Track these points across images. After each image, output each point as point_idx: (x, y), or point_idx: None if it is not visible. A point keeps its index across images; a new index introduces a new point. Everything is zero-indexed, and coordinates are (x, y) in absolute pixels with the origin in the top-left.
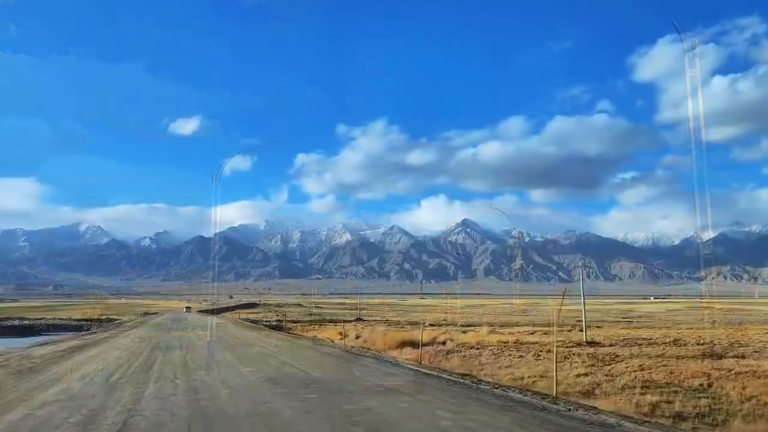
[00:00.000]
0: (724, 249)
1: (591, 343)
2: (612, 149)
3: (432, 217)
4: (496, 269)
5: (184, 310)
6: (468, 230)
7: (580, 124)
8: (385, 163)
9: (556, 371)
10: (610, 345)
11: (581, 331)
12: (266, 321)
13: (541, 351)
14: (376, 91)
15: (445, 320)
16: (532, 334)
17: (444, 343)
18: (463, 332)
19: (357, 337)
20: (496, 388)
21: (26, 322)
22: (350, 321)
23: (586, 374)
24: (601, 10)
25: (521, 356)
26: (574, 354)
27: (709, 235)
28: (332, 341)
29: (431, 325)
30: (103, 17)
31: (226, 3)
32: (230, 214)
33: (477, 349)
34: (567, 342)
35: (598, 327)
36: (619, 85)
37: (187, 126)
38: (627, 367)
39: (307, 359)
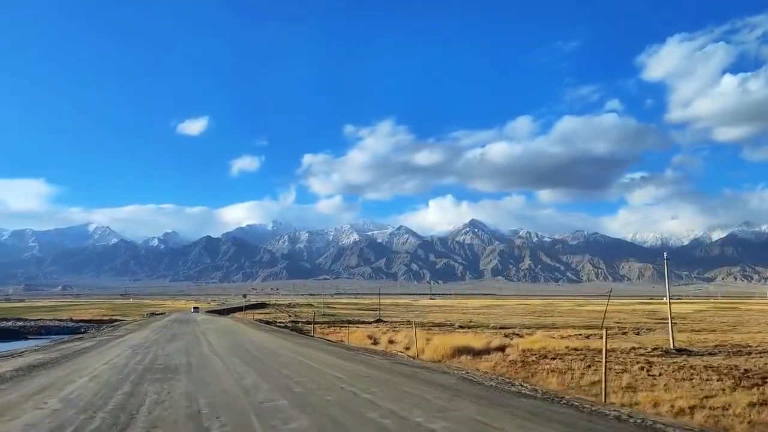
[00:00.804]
0: (733, 249)
1: (681, 351)
2: (621, 149)
3: (439, 217)
4: (503, 269)
5: (192, 310)
6: (476, 230)
7: (588, 123)
8: (392, 164)
9: None
10: (709, 354)
11: (637, 334)
12: (281, 322)
13: (636, 362)
14: (383, 91)
15: (471, 322)
16: (587, 338)
17: (503, 349)
18: (506, 335)
19: (390, 342)
20: None
21: (20, 323)
22: (370, 322)
23: (763, 403)
24: (609, 9)
25: (623, 370)
26: (684, 368)
27: (718, 235)
28: (404, 355)
29: (460, 326)
30: (111, 19)
31: (233, 4)
32: (238, 215)
33: (553, 358)
34: (648, 349)
35: (649, 330)
36: (629, 85)
37: (194, 126)
38: None
39: (442, 410)
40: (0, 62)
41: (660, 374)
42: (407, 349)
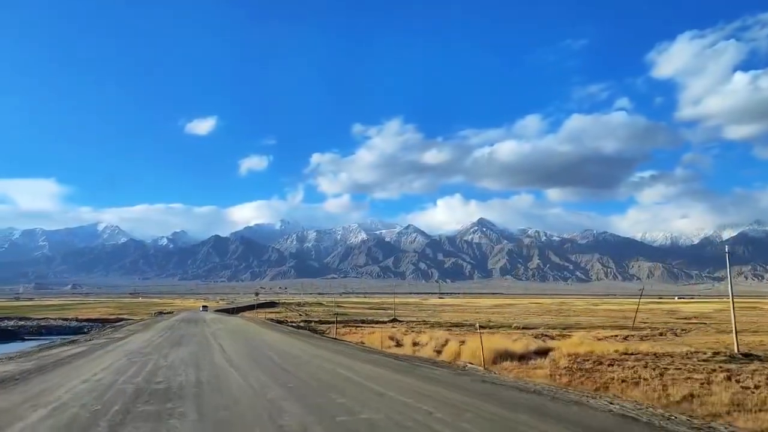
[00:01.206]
0: (744, 248)
1: (747, 356)
2: (630, 147)
3: (448, 216)
4: (512, 269)
5: (201, 309)
6: (484, 229)
7: (597, 122)
8: (400, 163)
9: None
10: None
11: (677, 335)
12: (293, 322)
13: (710, 369)
14: (391, 90)
15: (490, 321)
16: (626, 339)
17: (545, 353)
18: (536, 337)
19: (415, 344)
20: None
21: (21, 323)
22: (385, 322)
23: None
24: (618, 7)
25: (706, 381)
26: None
27: (729, 234)
28: (480, 367)
29: (481, 327)
30: (119, 20)
31: (242, 4)
32: (246, 214)
33: (610, 365)
34: (707, 353)
35: (683, 331)
36: (638, 83)
37: (203, 126)
38: None
39: None
40: (12, 64)
41: (756, 386)
42: (438, 353)
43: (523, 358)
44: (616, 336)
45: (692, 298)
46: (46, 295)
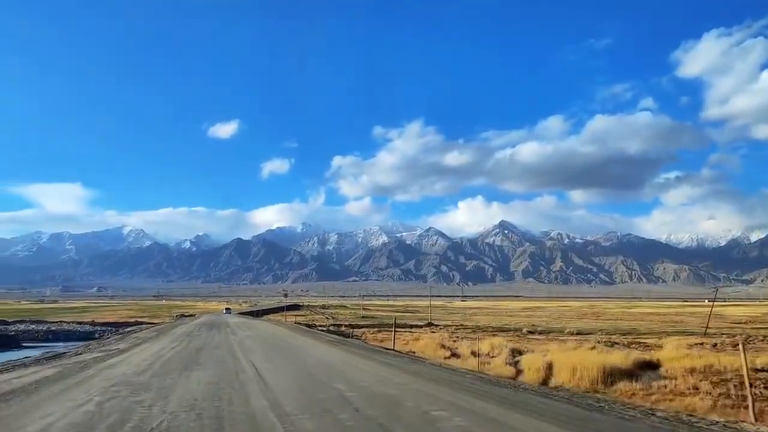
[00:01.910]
0: None
1: None
2: (655, 148)
3: (469, 218)
4: (534, 271)
5: (224, 311)
6: (506, 232)
7: (621, 122)
8: (421, 165)
9: None
10: None
11: None
12: (321, 325)
13: None
14: (412, 92)
15: (535, 326)
16: (715, 347)
17: (654, 368)
18: (610, 345)
19: (474, 354)
20: None
21: (32, 326)
22: (420, 326)
23: None
24: (642, 4)
25: None
26: None
27: (758, 236)
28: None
29: (529, 332)
30: (142, 23)
31: (263, 8)
32: (268, 217)
33: (767, 387)
34: None
35: (766, 337)
36: (663, 82)
37: (225, 130)
38: None
39: None
40: (38, 68)
41: None
42: (515, 367)
43: (630, 375)
44: (702, 344)
45: (724, 301)
46: (71, 297)
